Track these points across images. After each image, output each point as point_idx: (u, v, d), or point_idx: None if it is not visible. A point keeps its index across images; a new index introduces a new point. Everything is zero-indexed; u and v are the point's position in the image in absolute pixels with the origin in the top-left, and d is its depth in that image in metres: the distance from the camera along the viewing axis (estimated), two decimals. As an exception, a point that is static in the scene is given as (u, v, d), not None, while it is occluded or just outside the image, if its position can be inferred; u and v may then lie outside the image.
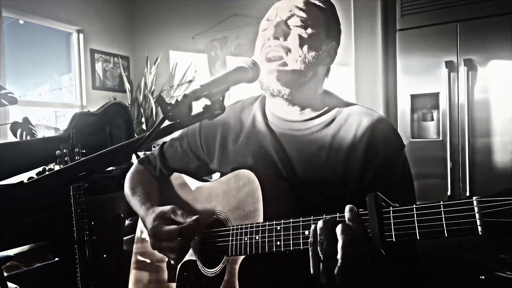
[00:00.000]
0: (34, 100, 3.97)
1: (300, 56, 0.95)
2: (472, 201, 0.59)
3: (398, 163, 0.94)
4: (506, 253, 2.45)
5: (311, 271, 0.73)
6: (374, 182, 0.92)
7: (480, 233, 0.58)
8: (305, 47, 0.95)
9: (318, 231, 0.73)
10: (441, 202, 0.63)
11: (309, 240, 0.74)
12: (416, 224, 0.65)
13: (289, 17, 0.97)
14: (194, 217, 0.97)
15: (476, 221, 0.58)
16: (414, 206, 0.65)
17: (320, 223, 0.73)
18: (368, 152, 0.92)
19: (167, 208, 1.02)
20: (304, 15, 0.96)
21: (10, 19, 3.68)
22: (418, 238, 0.64)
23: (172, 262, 1.06)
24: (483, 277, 2.50)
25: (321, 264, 0.72)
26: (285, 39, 0.96)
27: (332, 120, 0.99)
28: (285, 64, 0.96)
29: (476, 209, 0.58)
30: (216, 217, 1.01)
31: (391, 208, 0.68)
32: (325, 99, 1.04)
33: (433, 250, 2.45)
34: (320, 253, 0.72)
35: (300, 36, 0.95)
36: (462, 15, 2.61)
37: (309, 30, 0.96)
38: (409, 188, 0.97)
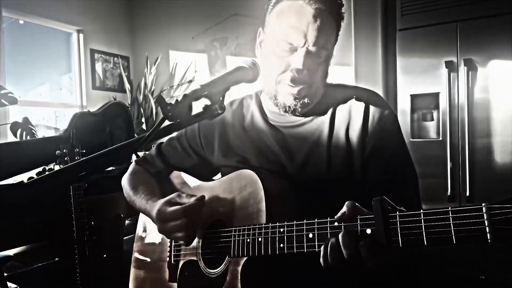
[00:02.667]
0: (34, 100, 3.96)
1: (321, 82, 0.99)
2: (482, 208, 0.58)
3: (393, 132, 0.99)
4: (506, 253, 2.45)
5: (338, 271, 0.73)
6: (374, 153, 0.95)
7: (489, 240, 0.56)
8: (324, 73, 0.99)
9: (343, 246, 0.70)
10: (450, 208, 0.61)
11: (330, 256, 0.72)
12: (423, 230, 0.63)
13: (315, 48, 0.93)
14: (198, 196, 0.98)
15: (485, 228, 0.57)
16: (422, 211, 0.64)
17: (344, 238, 0.71)
18: (364, 126, 0.97)
19: (172, 194, 1.02)
20: (325, 40, 0.94)
21: (10, 19, 3.68)
22: (426, 244, 0.63)
23: (182, 242, 1.02)
24: (483, 277, 2.50)
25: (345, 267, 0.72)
26: (310, 72, 0.95)
27: (328, 106, 1.02)
28: (307, 89, 0.97)
29: (485, 216, 0.57)
30: (218, 217, 1.01)
31: (397, 213, 0.67)
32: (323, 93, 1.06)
33: (433, 250, 2.45)
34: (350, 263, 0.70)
35: (322, 66, 0.97)
36: (462, 15, 2.61)
37: (328, 55, 0.97)
38: (407, 156, 1.00)
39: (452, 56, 2.65)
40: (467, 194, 2.55)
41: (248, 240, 0.88)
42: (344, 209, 0.73)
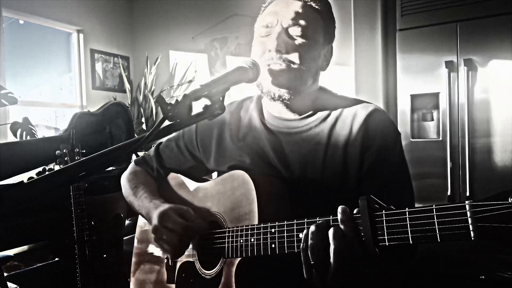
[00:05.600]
0: (34, 100, 3.97)
1: (302, 68, 0.95)
2: (465, 205, 0.58)
3: (394, 151, 0.95)
4: (506, 253, 2.45)
5: (305, 275, 0.73)
6: (371, 171, 0.93)
7: (472, 238, 0.57)
8: (307, 59, 0.95)
9: (310, 236, 0.72)
10: (434, 206, 0.62)
11: (301, 245, 0.73)
12: (408, 228, 0.64)
13: (290, 26, 0.94)
14: (205, 222, 1.00)
15: (469, 226, 0.57)
16: (407, 209, 0.64)
17: (312, 228, 0.72)
18: (365, 142, 0.94)
19: (184, 207, 1.01)
20: (304, 23, 0.94)
21: (10, 19, 3.68)
22: (411, 242, 0.63)
23: (165, 255, 1.06)
24: (483, 277, 2.50)
25: (313, 269, 0.72)
26: (288, 52, 0.93)
27: (328, 115, 1.00)
28: (285, 74, 0.95)
29: (468, 213, 0.57)
30: (212, 218, 1.01)
31: (383, 212, 0.67)
32: (321, 96, 1.05)
33: (432, 249, 2.45)
34: (311, 258, 0.71)
35: (301, 48, 0.94)
36: (462, 15, 2.61)
37: (310, 41, 0.95)
38: (406, 177, 0.97)
39: (452, 56, 2.65)
40: (467, 194, 2.55)
41: (241, 241, 0.88)
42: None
